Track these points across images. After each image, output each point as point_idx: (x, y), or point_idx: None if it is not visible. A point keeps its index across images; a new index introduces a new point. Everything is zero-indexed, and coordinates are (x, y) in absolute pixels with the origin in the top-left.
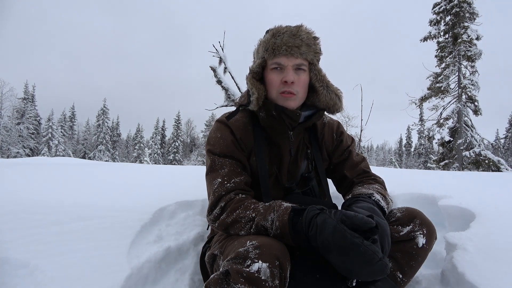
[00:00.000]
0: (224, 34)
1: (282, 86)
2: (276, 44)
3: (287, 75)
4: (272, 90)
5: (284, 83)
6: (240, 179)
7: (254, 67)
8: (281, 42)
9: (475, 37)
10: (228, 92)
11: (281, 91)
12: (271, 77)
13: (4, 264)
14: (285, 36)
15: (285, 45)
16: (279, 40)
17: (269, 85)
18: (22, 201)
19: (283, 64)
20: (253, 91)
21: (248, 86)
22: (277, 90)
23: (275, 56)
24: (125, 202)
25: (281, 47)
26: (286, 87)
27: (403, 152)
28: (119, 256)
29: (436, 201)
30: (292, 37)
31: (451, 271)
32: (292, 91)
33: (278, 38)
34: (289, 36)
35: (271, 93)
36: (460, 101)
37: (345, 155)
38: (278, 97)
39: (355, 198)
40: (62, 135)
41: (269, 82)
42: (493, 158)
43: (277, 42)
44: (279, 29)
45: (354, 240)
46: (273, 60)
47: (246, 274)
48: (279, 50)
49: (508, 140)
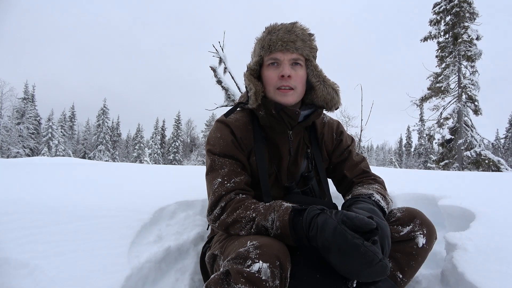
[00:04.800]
0: (224, 34)
1: (279, 81)
2: (271, 40)
3: (283, 69)
4: (269, 86)
5: (281, 77)
6: (240, 179)
7: (251, 64)
8: (277, 38)
9: (475, 37)
10: (228, 92)
11: (278, 86)
12: (268, 73)
13: (4, 264)
14: (280, 33)
15: (280, 40)
16: (274, 37)
17: (266, 81)
18: (22, 201)
19: (279, 59)
20: (251, 86)
21: (245, 82)
22: (274, 86)
23: (271, 52)
24: (125, 202)
25: (277, 42)
26: (283, 81)
27: (403, 152)
28: (119, 256)
29: (436, 201)
30: (287, 33)
31: (451, 271)
32: (290, 85)
33: (273, 35)
34: (284, 32)
35: (269, 90)
36: (460, 101)
37: (345, 154)
38: (276, 93)
39: (355, 199)
40: (62, 135)
41: (266, 78)
42: (493, 158)
43: (273, 39)
44: (274, 27)
45: (354, 241)
46: (269, 56)
47: (246, 274)
48: (275, 46)
49: (508, 140)
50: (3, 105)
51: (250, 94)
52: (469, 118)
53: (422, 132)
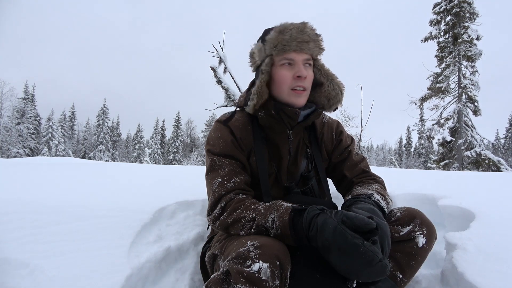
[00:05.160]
0: (223, 34)
1: (293, 82)
2: (285, 40)
3: (299, 70)
4: (283, 87)
5: (297, 78)
6: (240, 179)
7: (264, 67)
8: (290, 38)
9: (475, 37)
10: (228, 92)
11: (293, 87)
12: (283, 73)
13: (4, 264)
14: (293, 32)
15: (294, 40)
16: (287, 36)
17: (279, 82)
18: (22, 201)
19: (294, 60)
20: (258, 95)
21: (256, 89)
22: (288, 86)
23: (285, 52)
24: (125, 202)
25: (291, 42)
26: (298, 82)
27: (403, 152)
28: (119, 256)
29: (436, 201)
30: (300, 33)
31: (451, 271)
32: (304, 86)
33: (286, 34)
34: (296, 32)
35: (281, 91)
36: (460, 101)
37: (345, 154)
38: (290, 93)
39: (355, 199)
40: (62, 135)
41: (280, 78)
42: (493, 158)
43: (286, 38)
44: (285, 26)
45: (354, 241)
46: (283, 56)
47: (246, 274)
48: (290, 46)
49: (508, 140)
50: (3, 105)
51: (250, 103)
52: (469, 118)
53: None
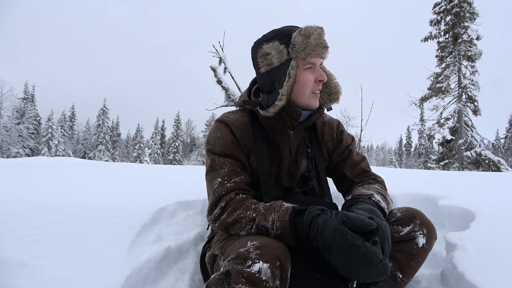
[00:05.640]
0: (224, 34)
1: (315, 85)
2: (311, 44)
3: (322, 74)
4: (306, 90)
5: (319, 82)
6: (240, 179)
7: (291, 70)
8: (315, 42)
9: (475, 37)
10: (228, 92)
11: (314, 90)
12: (307, 77)
13: (4, 264)
14: (316, 37)
15: (320, 45)
16: (312, 40)
17: (303, 85)
18: (22, 201)
19: (315, 64)
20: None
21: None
22: (310, 89)
23: (311, 56)
24: (125, 202)
25: (317, 46)
26: (319, 85)
27: (403, 152)
28: (119, 256)
29: (436, 201)
30: (320, 38)
31: (451, 271)
32: (321, 89)
33: (311, 38)
34: (318, 36)
35: (303, 94)
36: (460, 101)
37: (345, 154)
38: (311, 96)
39: (355, 199)
40: (62, 135)
41: (304, 82)
42: (493, 158)
43: (312, 42)
44: (309, 30)
45: (355, 242)
46: (307, 60)
47: (247, 275)
48: (316, 50)
49: (508, 140)
50: (3, 105)
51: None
52: (469, 118)
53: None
